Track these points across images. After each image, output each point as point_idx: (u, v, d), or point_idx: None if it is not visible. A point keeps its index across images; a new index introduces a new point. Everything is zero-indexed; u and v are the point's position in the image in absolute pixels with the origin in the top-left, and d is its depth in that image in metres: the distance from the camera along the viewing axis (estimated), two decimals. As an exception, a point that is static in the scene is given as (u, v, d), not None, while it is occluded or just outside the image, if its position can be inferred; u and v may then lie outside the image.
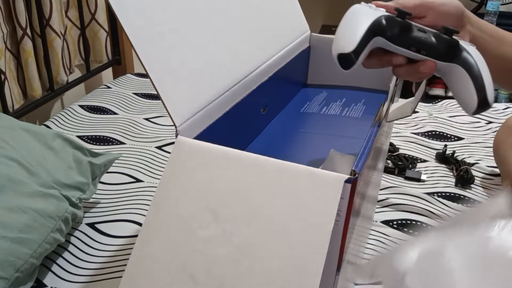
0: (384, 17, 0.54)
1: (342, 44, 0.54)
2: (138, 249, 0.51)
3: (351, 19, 0.56)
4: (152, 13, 0.55)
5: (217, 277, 0.49)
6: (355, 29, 0.54)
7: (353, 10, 0.57)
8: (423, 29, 0.54)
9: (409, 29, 0.54)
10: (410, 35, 0.53)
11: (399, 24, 0.54)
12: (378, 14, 0.54)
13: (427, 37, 0.53)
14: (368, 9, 0.56)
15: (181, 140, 0.53)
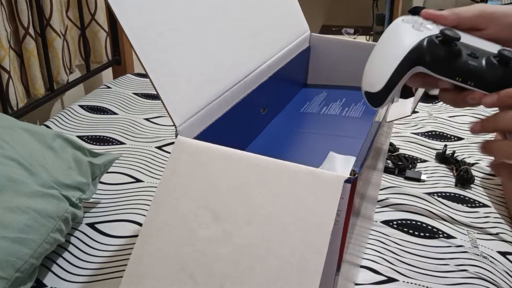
0: (427, 42, 0.45)
1: (369, 80, 0.47)
2: (139, 249, 0.51)
3: (387, 43, 0.47)
4: (152, 14, 0.55)
5: (217, 277, 0.49)
6: (387, 60, 0.46)
7: (392, 30, 0.48)
8: (474, 52, 0.45)
9: (457, 56, 0.45)
10: (457, 64, 0.45)
11: (444, 50, 0.45)
12: (421, 36, 0.46)
13: (477, 66, 0.45)
14: (410, 28, 0.47)
15: (181, 140, 0.53)
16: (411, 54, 0.45)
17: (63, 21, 1.51)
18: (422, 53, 0.45)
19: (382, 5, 2.61)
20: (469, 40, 0.47)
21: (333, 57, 0.99)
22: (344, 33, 2.67)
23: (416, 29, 0.46)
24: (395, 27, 0.48)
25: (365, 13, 2.75)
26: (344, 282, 0.60)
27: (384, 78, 0.46)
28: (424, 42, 0.45)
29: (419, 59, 0.45)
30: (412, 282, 0.83)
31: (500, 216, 1.02)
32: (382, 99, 0.47)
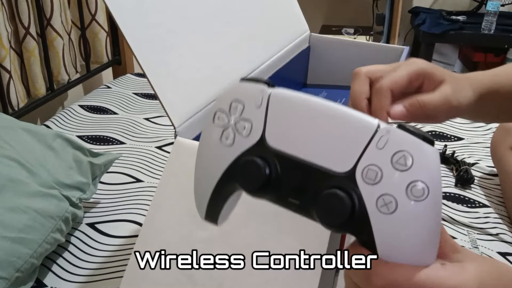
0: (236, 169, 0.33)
1: (196, 206, 0.38)
2: (139, 249, 0.51)
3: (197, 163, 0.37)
4: (150, 15, 0.55)
5: (216, 277, 0.49)
6: (199, 189, 0.37)
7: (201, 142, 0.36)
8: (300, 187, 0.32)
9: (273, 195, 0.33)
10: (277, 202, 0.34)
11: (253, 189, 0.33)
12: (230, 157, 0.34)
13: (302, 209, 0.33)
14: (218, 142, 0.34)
15: (180, 141, 0.53)
16: (221, 186, 0.35)
17: (63, 21, 1.51)
18: (232, 184, 0.34)
19: (382, 5, 2.61)
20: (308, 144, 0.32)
21: (333, 57, 0.99)
22: (344, 33, 2.67)
23: (224, 142, 0.34)
24: (204, 137, 0.36)
25: (365, 13, 2.75)
26: (343, 282, 0.60)
27: (202, 210, 0.37)
28: (233, 170, 0.34)
29: (232, 189, 0.35)
30: (412, 282, 0.83)
31: (499, 217, 1.02)
32: (214, 221, 0.37)
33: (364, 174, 0.29)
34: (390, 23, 2.50)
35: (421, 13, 2.62)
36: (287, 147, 0.32)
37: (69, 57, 1.56)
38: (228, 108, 0.33)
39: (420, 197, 0.29)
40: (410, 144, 0.29)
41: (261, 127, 0.32)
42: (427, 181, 0.29)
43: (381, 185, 0.29)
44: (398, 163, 0.29)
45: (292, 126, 0.32)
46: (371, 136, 0.30)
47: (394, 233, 0.29)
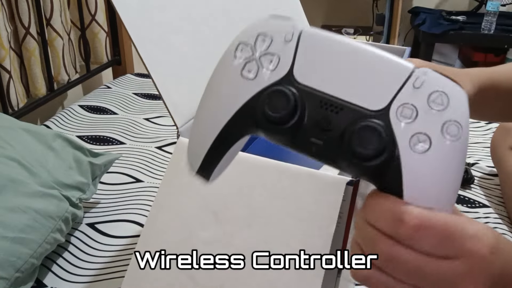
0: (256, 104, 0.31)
1: (189, 156, 0.35)
2: (139, 249, 0.51)
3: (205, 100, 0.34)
4: (155, 15, 0.55)
5: (218, 278, 0.49)
6: (201, 132, 0.34)
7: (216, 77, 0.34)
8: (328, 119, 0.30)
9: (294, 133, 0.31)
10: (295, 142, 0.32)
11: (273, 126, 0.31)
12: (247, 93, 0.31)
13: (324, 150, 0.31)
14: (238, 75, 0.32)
15: (182, 141, 0.53)
16: (232, 125, 0.32)
17: (63, 22, 1.51)
18: (247, 122, 0.32)
19: (382, 5, 2.61)
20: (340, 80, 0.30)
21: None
22: (344, 33, 2.67)
23: (245, 76, 0.32)
24: (219, 71, 0.34)
25: (365, 13, 2.74)
26: (345, 282, 0.60)
27: (199, 159, 0.34)
28: (251, 106, 0.31)
29: (244, 129, 0.32)
30: (412, 283, 0.83)
31: (499, 217, 1.02)
32: (207, 176, 0.35)
33: (398, 112, 0.29)
34: (390, 23, 2.50)
35: (421, 13, 2.62)
36: (317, 84, 0.30)
37: (69, 57, 1.56)
38: (254, 41, 0.32)
39: (454, 137, 0.29)
40: (446, 85, 0.29)
41: (290, 62, 0.31)
42: (461, 121, 0.29)
43: (416, 123, 0.29)
44: (435, 102, 0.29)
45: (323, 63, 0.31)
46: (408, 76, 0.29)
47: (424, 173, 0.29)
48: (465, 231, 0.29)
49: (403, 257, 0.29)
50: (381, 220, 0.29)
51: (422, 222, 0.28)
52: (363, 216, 0.31)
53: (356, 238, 0.32)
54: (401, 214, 0.28)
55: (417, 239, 0.28)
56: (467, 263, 0.29)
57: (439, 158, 0.29)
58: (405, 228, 0.28)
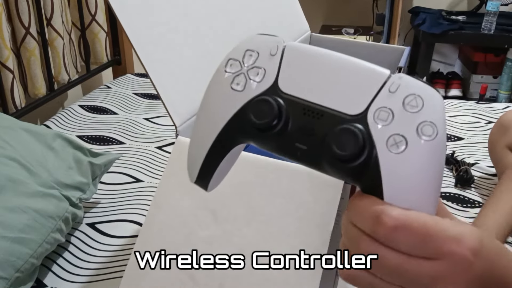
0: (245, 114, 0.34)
1: (188, 167, 0.38)
2: (139, 249, 0.51)
3: (201, 112, 0.36)
4: (153, 14, 0.55)
5: (217, 277, 0.49)
6: (197, 142, 0.36)
7: (210, 90, 0.36)
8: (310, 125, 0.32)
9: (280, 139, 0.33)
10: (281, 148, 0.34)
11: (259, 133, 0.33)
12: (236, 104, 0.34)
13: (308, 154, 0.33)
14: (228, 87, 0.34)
15: (181, 140, 0.53)
16: (225, 134, 0.35)
17: (64, 22, 1.51)
18: (237, 131, 0.34)
19: (382, 5, 2.61)
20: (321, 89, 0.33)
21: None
22: (344, 33, 2.67)
23: (234, 88, 0.34)
24: (212, 86, 0.36)
25: (365, 13, 2.74)
26: (344, 282, 0.60)
27: (196, 169, 0.36)
28: (241, 115, 0.34)
29: (236, 138, 0.35)
30: (412, 282, 0.83)
31: (500, 216, 1.02)
32: (204, 185, 0.37)
33: (376, 115, 0.31)
34: (390, 23, 2.50)
35: (421, 13, 2.62)
36: (300, 92, 0.33)
37: (69, 57, 1.56)
38: (242, 57, 0.34)
39: (429, 136, 0.30)
40: (420, 88, 0.31)
41: (275, 74, 0.33)
42: (436, 122, 0.30)
43: (392, 125, 0.30)
44: (409, 105, 0.30)
45: (305, 73, 0.33)
46: (384, 81, 0.31)
47: (402, 173, 0.30)
48: (446, 233, 0.29)
49: (384, 257, 0.29)
50: (362, 220, 0.30)
51: (400, 222, 0.29)
52: (347, 216, 0.32)
53: (343, 238, 0.33)
54: (379, 214, 0.29)
55: (395, 239, 0.29)
56: (447, 264, 0.29)
57: (416, 158, 0.30)
58: (383, 228, 0.29)
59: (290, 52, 0.34)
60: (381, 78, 0.32)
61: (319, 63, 0.33)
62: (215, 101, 0.35)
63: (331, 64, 0.33)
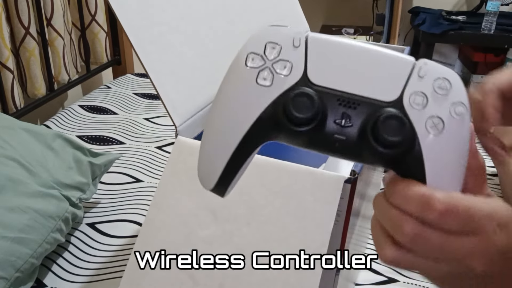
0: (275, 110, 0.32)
1: (200, 171, 0.35)
2: (139, 249, 0.51)
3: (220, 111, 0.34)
4: (152, 14, 0.55)
5: (217, 277, 0.49)
6: (217, 145, 0.34)
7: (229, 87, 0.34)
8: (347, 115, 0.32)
9: (318, 130, 0.32)
10: (319, 141, 0.33)
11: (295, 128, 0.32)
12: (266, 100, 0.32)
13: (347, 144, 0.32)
14: (253, 83, 0.33)
15: (181, 140, 0.53)
16: (252, 133, 0.33)
17: (67, 21, 1.51)
18: (266, 129, 0.33)
19: (382, 5, 2.61)
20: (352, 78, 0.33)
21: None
22: (344, 33, 2.67)
23: (261, 84, 0.32)
24: (232, 83, 0.34)
25: (365, 13, 2.74)
26: (344, 282, 0.60)
27: (215, 174, 0.34)
28: (270, 112, 0.32)
29: (264, 136, 0.33)
30: (412, 283, 0.83)
31: (500, 216, 1.02)
32: (221, 193, 0.35)
33: (411, 100, 0.32)
34: (390, 23, 2.49)
35: (421, 13, 2.62)
36: (332, 83, 0.32)
37: (69, 57, 1.56)
38: (263, 50, 0.33)
39: (462, 116, 0.32)
40: (445, 71, 0.32)
41: (302, 66, 0.32)
42: (464, 101, 0.32)
43: (428, 108, 0.31)
44: (440, 87, 0.32)
45: (334, 63, 0.32)
46: (411, 67, 0.32)
47: (442, 154, 0.32)
48: (482, 212, 0.32)
49: (428, 236, 0.32)
50: (409, 204, 0.32)
51: (448, 206, 0.31)
52: (387, 199, 0.33)
53: (380, 221, 0.34)
54: (428, 199, 0.31)
55: (443, 221, 0.31)
56: (479, 239, 0.32)
57: (453, 137, 0.32)
58: (433, 212, 0.31)
59: (314, 42, 0.33)
60: (408, 64, 0.32)
61: (345, 52, 0.33)
62: (239, 99, 0.33)
63: (357, 53, 0.33)
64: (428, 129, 0.31)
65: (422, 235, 0.31)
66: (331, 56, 0.33)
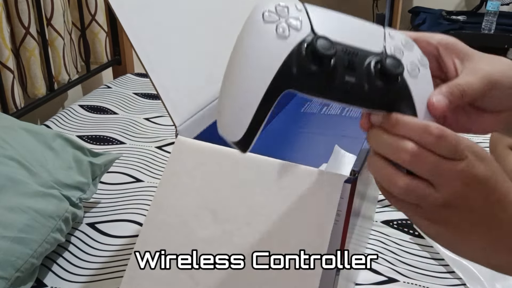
0: (294, 58, 0.36)
1: (224, 123, 0.37)
2: (139, 249, 0.51)
3: (242, 64, 0.37)
4: (152, 14, 0.55)
5: (217, 277, 0.49)
6: (244, 95, 0.36)
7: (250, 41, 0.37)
8: (353, 63, 0.38)
9: (331, 74, 0.37)
10: (332, 84, 0.37)
11: (316, 69, 0.37)
12: (286, 49, 0.36)
13: (356, 83, 0.38)
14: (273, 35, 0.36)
15: (181, 140, 0.53)
16: (276, 81, 0.36)
17: (67, 21, 1.51)
18: (289, 75, 0.36)
19: (382, 5, 2.61)
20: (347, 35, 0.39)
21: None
22: (344, 33, 2.66)
23: (280, 35, 0.37)
24: (254, 34, 0.37)
25: (365, 13, 2.75)
26: (344, 282, 0.60)
27: (244, 124, 0.36)
28: (291, 60, 0.36)
29: (286, 83, 0.36)
30: (412, 283, 0.83)
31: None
32: (247, 145, 0.37)
33: (392, 50, 0.40)
34: (390, 23, 2.50)
35: (421, 13, 2.62)
36: (335, 36, 0.38)
37: (69, 57, 1.56)
38: (275, 9, 0.37)
39: (426, 64, 0.41)
40: (405, 36, 0.42)
41: (308, 24, 0.38)
42: (423, 55, 0.42)
43: (405, 58, 0.40)
44: (407, 44, 0.41)
45: (332, 24, 0.39)
46: (383, 31, 0.41)
47: (423, 90, 0.40)
48: (465, 141, 0.38)
49: (426, 156, 0.37)
50: (411, 130, 0.37)
51: (442, 133, 0.37)
52: (387, 131, 0.39)
53: (381, 153, 0.39)
54: (427, 125, 0.37)
55: (438, 145, 0.37)
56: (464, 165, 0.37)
57: (425, 79, 0.41)
58: (430, 135, 0.37)
59: (311, 8, 0.39)
60: (380, 28, 0.41)
61: (337, 17, 0.40)
62: (263, 49, 0.36)
63: (344, 18, 0.40)
64: (410, 72, 0.40)
65: (421, 155, 0.37)
66: (328, 19, 0.39)
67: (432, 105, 0.41)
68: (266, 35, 0.36)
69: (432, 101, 0.41)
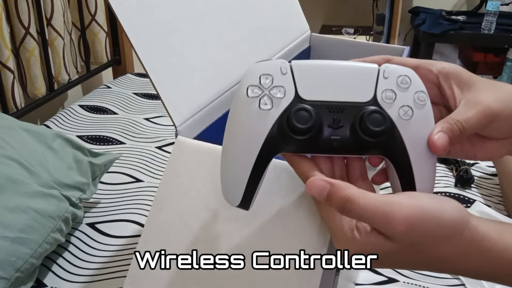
0: (278, 128, 0.39)
1: (225, 191, 0.42)
2: (140, 249, 0.51)
3: (234, 138, 0.40)
4: (152, 14, 0.55)
5: (217, 277, 0.49)
6: (237, 167, 0.40)
7: (237, 117, 0.40)
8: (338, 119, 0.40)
9: (316, 135, 0.39)
10: (319, 144, 0.40)
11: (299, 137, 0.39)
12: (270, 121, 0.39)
13: (342, 141, 0.40)
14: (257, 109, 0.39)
15: (181, 140, 0.53)
16: (263, 151, 0.39)
17: (67, 21, 1.51)
18: (274, 144, 0.39)
19: (382, 5, 2.61)
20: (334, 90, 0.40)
21: (333, 57, 0.99)
22: (344, 33, 2.67)
23: (263, 109, 0.39)
24: (240, 110, 0.40)
25: (365, 13, 2.74)
26: (344, 282, 0.60)
27: (239, 191, 0.41)
28: (275, 131, 0.39)
29: (273, 151, 0.40)
30: (413, 283, 0.83)
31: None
32: (247, 206, 0.42)
33: (383, 97, 0.40)
34: (390, 23, 2.50)
35: (421, 13, 2.62)
36: (320, 97, 0.40)
37: (69, 57, 1.56)
38: (258, 82, 0.40)
39: (424, 100, 0.40)
40: (404, 70, 0.41)
41: (293, 88, 0.40)
42: (423, 89, 0.41)
43: (397, 100, 0.40)
44: (402, 83, 0.40)
45: (317, 81, 0.40)
46: (377, 72, 0.40)
47: (416, 131, 0.40)
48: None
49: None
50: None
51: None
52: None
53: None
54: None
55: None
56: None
57: (421, 117, 0.40)
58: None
59: (297, 68, 0.40)
60: (374, 70, 0.41)
61: (323, 71, 0.40)
62: (248, 124, 0.39)
63: (333, 69, 0.41)
64: (401, 117, 0.39)
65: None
66: (313, 76, 0.40)
67: (433, 144, 0.40)
68: (251, 110, 0.40)
69: (433, 140, 0.40)
